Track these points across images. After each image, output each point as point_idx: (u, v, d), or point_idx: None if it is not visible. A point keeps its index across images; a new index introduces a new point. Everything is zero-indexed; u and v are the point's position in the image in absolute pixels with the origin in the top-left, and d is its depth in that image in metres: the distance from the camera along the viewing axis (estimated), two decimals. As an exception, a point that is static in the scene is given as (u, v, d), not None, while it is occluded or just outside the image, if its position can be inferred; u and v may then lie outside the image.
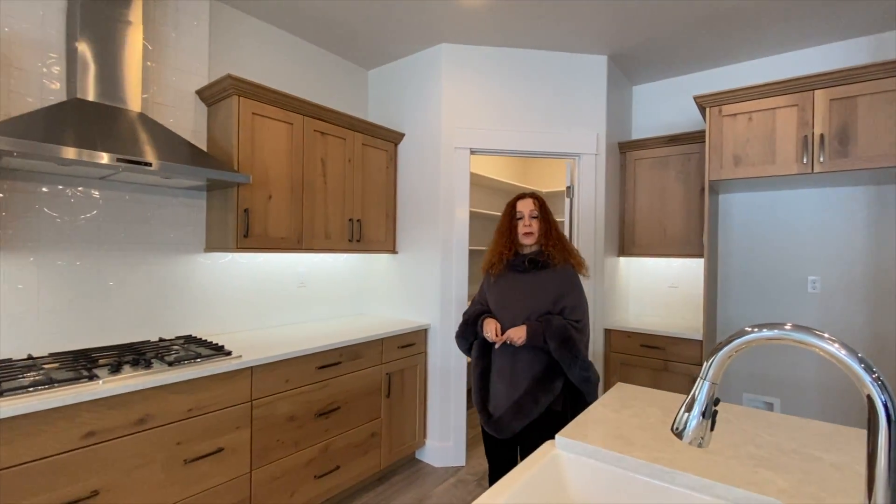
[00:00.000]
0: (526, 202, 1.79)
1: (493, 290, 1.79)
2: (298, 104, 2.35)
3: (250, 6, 2.44)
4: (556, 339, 1.59)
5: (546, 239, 1.74)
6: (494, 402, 1.70)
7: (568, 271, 1.73)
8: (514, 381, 1.65)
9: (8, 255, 1.71)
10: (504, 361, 1.69)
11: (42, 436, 1.34)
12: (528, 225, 1.75)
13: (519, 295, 1.71)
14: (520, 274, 1.75)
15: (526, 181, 4.89)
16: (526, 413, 1.60)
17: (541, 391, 1.61)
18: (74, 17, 1.77)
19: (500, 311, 1.73)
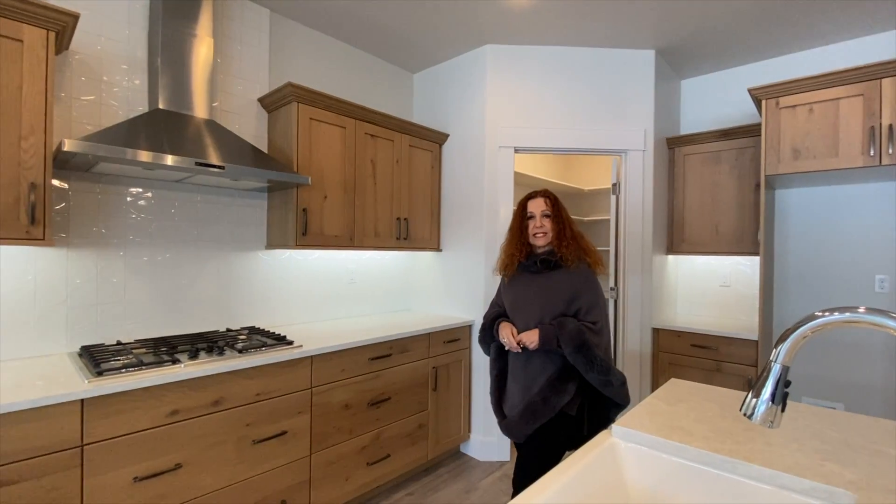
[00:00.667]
0: (537, 202, 1.71)
1: (507, 292, 1.76)
2: (351, 108, 2.46)
3: (305, 17, 2.57)
4: (570, 343, 1.52)
5: (559, 239, 1.67)
6: (509, 403, 1.69)
7: (583, 271, 1.66)
8: (527, 382, 1.62)
9: (102, 251, 1.90)
10: (518, 363, 1.67)
11: (135, 412, 1.49)
12: (541, 225, 1.68)
13: (531, 297, 1.66)
14: (532, 275, 1.69)
15: (568, 179, 4.85)
16: (537, 416, 1.54)
17: (552, 393, 1.55)
18: (156, 36, 1.95)
19: (513, 314, 1.70)
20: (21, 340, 1.71)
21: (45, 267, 1.77)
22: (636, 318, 2.88)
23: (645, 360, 2.89)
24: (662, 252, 3.08)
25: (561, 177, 4.79)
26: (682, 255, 3.26)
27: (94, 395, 1.39)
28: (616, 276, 2.96)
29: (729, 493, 0.94)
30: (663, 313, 3.11)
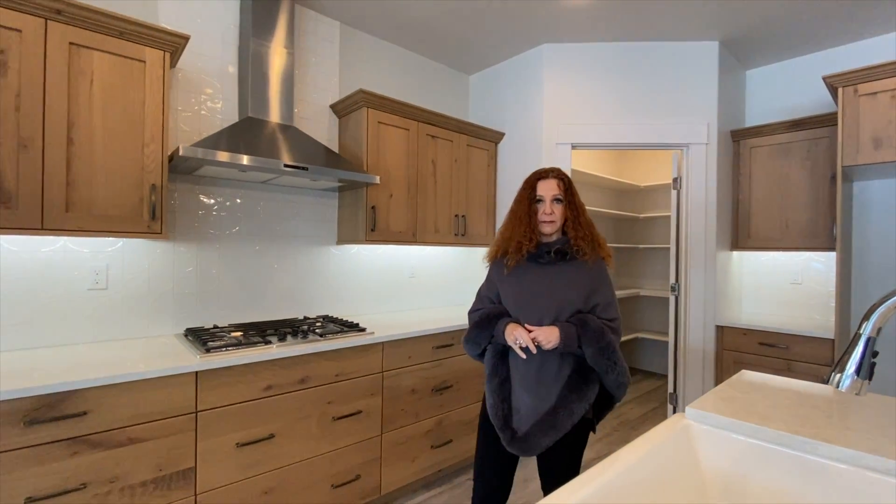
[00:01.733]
0: (548, 183, 1.48)
1: (509, 285, 1.50)
2: (414, 111, 2.60)
3: (370, 26, 2.74)
4: (593, 343, 1.35)
5: (574, 229, 1.46)
6: (518, 415, 1.43)
7: (599, 264, 1.48)
8: (540, 390, 1.41)
9: (201, 245, 2.14)
10: (528, 368, 1.42)
11: (237, 385, 1.68)
12: (550, 212, 1.46)
13: (545, 291, 1.44)
14: (542, 267, 1.47)
15: (622, 175, 4.78)
16: (560, 427, 1.36)
17: (575, 400, 1.38)
18: (245, 52, 2.17)
19: (521, 311, 1.45)
20: (138, 322, 1.97)
21: (156, 259, 2.02)
22: (699, 315, 2.83)
23: (708, 358, 2.83)
24: (726, 248, 2.99)
25: (615, 173, 4.74)
26: (747, 252, 3.16)
27: (205, 368, 1.59)
28: (677, 273, 2.92)
29: (808, 474, 0.97)
30: (728, 311, 3.02)
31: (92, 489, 1.39)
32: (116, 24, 1.63)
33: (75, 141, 1.58)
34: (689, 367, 2.85)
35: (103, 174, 1.63)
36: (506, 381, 1.46)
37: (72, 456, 1.35)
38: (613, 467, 0.90)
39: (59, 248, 1.79)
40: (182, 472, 1.56)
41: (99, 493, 1.40)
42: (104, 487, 1.41)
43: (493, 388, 1.46)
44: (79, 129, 1.59)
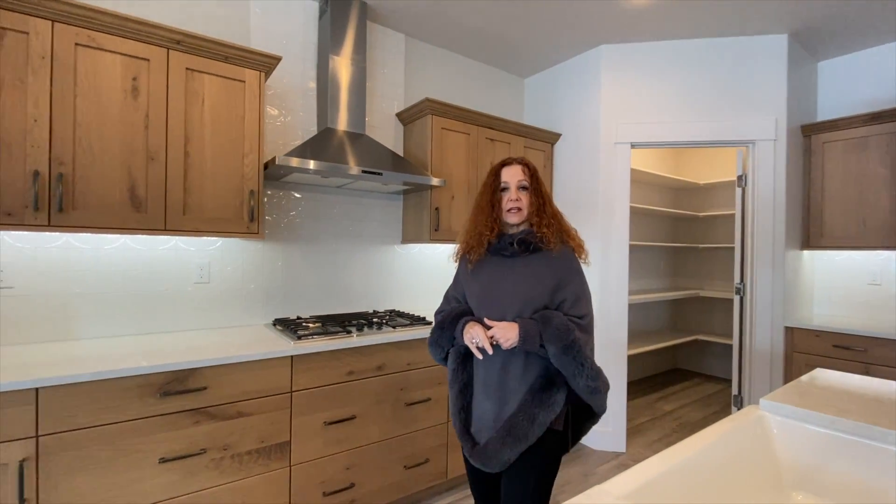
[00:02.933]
0: (513, 169, 1.38)
1: (473, 280, 1.40)
2: (475, 116, 2.72)
3: (431, 36, 2.89)
4: (556, 341, 1.20)
5: (539, 217, 1.34)
6: (479, 424, 1.33)
7: (566, 255, 1.35)
8: (502, 395, 1.28)
9: (286, 244, 2.37)
10: (490, 371, 1.31)
11: (323, 370, 1.87)
12: (516, 199, 1.34)
13: (507, 285, 1.32)
14: (505, 259, 1.36)
15: (680, 173, 4.67)
16: (520, 436, 1.22)
17: (538, 407, 1.23)
18: (324, 68, 2.38)
19: (483, 308, 1.35)
20: (234, 312, 2.21)
21: (248, 256, 2.26)
22: (766, 316, 2.75)
23: (776, 360, 2.75)
24: (796, 247, 2.89)
25: (672, 171, 4.64)
26: (819, 251, 3.03)
27: (298, 353, 1.79)
28: (742, 273, 2.85)
29: (888, 464, 0.99)
30: (798, 312, 2.91)
31: (209, 454, 1.61)
32: (223, 50, 1.86)
33: (190, 154, 1.82)
34: (756, 369, 2.78)
35: (212, 182, 1.87)
36: (467, 387, 1.39)
37: (194, 424, 1.58)
38: (686, 450, 0.97)
39: (171, 247, 2.06)
40: (279, 444, 1.75)
41: (215, 458, 1.62)
42: (219, 454, 1.62)
43: (454, 394, 1.39)
44: (193, 143, 1.83)
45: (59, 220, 1.57)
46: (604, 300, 2.89)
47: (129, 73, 1.70)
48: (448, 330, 1.39)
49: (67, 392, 1.38)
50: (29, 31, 1.53)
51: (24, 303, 1.76)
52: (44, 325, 1.79)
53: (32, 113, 1.54)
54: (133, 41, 1.70)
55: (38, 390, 1.34)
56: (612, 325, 2.87)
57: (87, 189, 1.62)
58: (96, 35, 1.63)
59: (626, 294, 2.86)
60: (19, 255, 1.75)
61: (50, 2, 1.54)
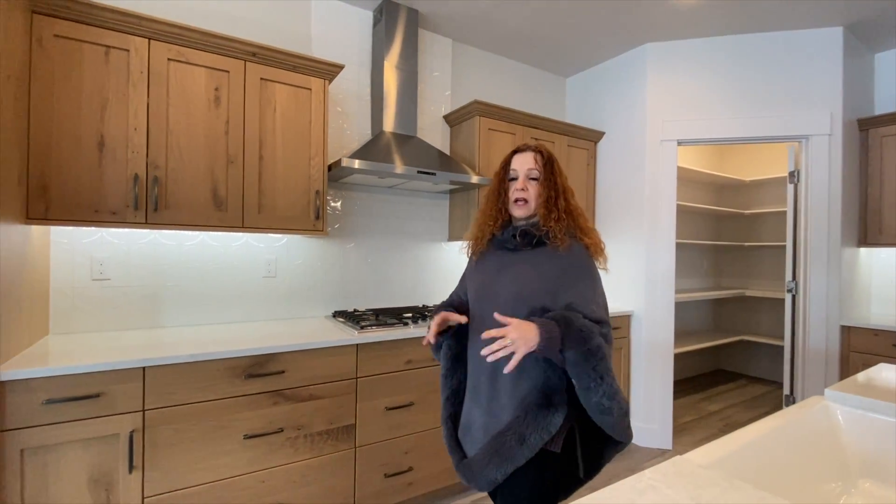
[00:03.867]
0: (524, 157, 1.22)
1: (474, 275, 1.28)
2: (520, 117, 2.79)
3: (477, 40, 2.97)
4: (577, 345, 1.00)
5: (546, 210, 1.18)
6: (467, 435, 1.18)
7: (578, 252, 1.17)
8: (492, 405, 1.13)
9: (344, 241, 2.51)
10: (480, 374, 1.17)
11: (384, 358, 1.98)
12: (522, 189, 1.19)
13: (504, 280, 1.18)
14: (509, 252, 1.22)
15: (725, 170, 4.58)
16: (505, 455, 1.07)
17: (529, 427, 1.06)
18: (378, 74, 2.50)
19: (479, 305, 1.21)
20: (297, 304, 2.37)
21: (310, 253, 2.40)
22: (820, 315, 2.70)
23: (832, 360, 2.69)
24: (852, 244, 2.81)
25: (716, 167, 4.56)
26: (878, 248, 2.93)
27: (361, 342, 1.91)
28: (794, 271, 2.80)
29: (964, 454, 1.00)
30: (854, 310, 2.84)
31: (286, 433, 1.75)
32: (292, 60, 2.01)
33: (264, 157, 1.97)
34: (809, 369, 2.72)
35: (283, 183, 2.01)
36: (456, 393, 1.25)
37: (273, 405, 1.72)
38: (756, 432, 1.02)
39: (242, 244, 2.23)
40: (346, 427, 1.88)
41: (290, 437, 1.76)
42: (294, 433, 1.76)
43: (443, 398, 1.26)
44: (266, 148, 1.98)
45: (155, 219, 1.75)
46: (649, 299, 2.90)
47: (213, 83, 1.86)
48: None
49: (168, 372, 1.54)
50: (129, 49, 1.71)
51: (119, 293, 1.95)
52: (135, 313, 1.99)
53: (132, 122, 1.72)
54: (215, 55, 1.86)
55: (145, 369, 1.51)
56: (657, 325, 2.87)
57: (178, 190, 1.80)
58: (185, 50, 1.80)
59: (673, 293, 2.86)
60: (116, 250, 1.94)
61: (147, 21, 1.71)
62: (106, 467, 1.45)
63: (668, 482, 0.71)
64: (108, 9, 1.64)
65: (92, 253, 1.90)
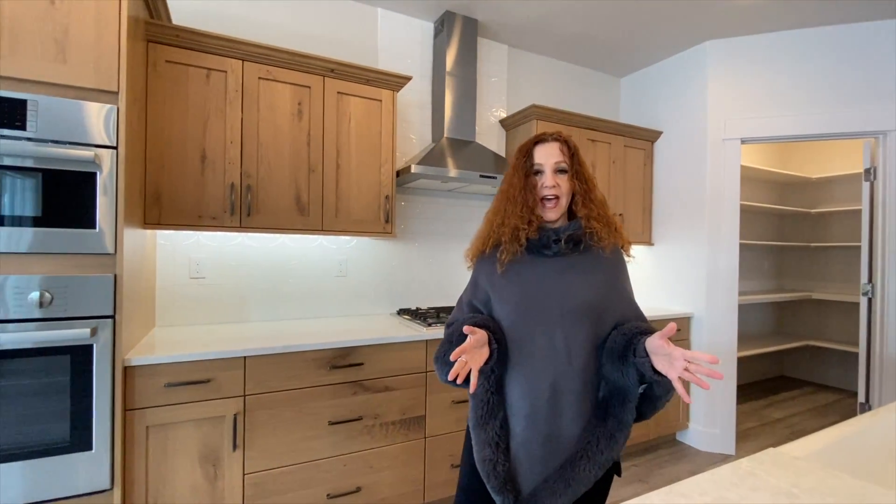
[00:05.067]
0: (549, 148, 1.10)
1: (506, 286, 1.09)
2: (576, 119, 2.82)
3: (532, 46, 3.03)
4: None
5: (586, 207, 1.09)
6: (523, 471, 1.02)
7: (619, 255, 1.14)
8: (554, 432, 1.01)
9: (408, 242, 2.64)
10: (538, 401, 1.02)
11: (451, 355, 2.08)
12: (553, 185, 1.07)
13: (557, 293, 1.05)
14: (548, 259, 1.09)
15: (789, 167, 4.38)
16: (578, 483, 0.99)
17: (603, 445, 1.00)
18: (439, 83, 2.61)
19: (526, 320, 1.05)
20: (365, 303, 2.51)
21: (377, 254, 2.54)
22: None
23: (913, 367, 2.55)
24: (938, 245, 2.65)
25: (779, 165, 4.37)
26: (967, 249, 2.74)
27: (430, 338, 2.02)
28: (871, 273, 2.68)
29: None
30: (939, 316, 2.66)
31: (364, 421, 1.88)
32: (365, 74, 2.15)
33: (341, 165, 2.13)
34: (888, 375, 2.59)
35: (356, 188, 2.16)
36: (505, 424, 1.04)
37: (353, 394, 1.86)
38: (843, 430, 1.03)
39: (317, 245, 2.39)
40: (417, 418, 1.99)
41: (368, 424, 1.89)
42: (371, 421, 1.89)
43: (490, 435, 1.03)
44: (342, 157, 2.13)
45: (247, 223, 1.93)
46: (710, 301, 2.85)
47: (296, 98, 2.03)
48: (457, 344, 1.00)
49: (264, 361, 1.71)
50: (227, 70, 1.90)
51: (212, 290, 2.16)
52: (225, 308, 2.19)
53: (229, 136, 1.90)
54: (299, 72, 2.03)
55: (246, 358, 1.68)
56: (719, 327, 2.82)
57: (267, 197, 1.97)
58: (273, 69, 1.98)
59: (736, 295, 2.80)
60: (210, 251, 2.15)
61: (242, 44, 1.89)
62: (213, 445, 1.63)
63: (767, 470, 0.76)
64: (210, 35, 1.84)
65: (190, 254, 2.11)
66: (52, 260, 1.37)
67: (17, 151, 1.31)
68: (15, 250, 1.32)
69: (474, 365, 0.93)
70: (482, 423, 1.04)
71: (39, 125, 1.35)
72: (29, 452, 1.34)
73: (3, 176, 1.31)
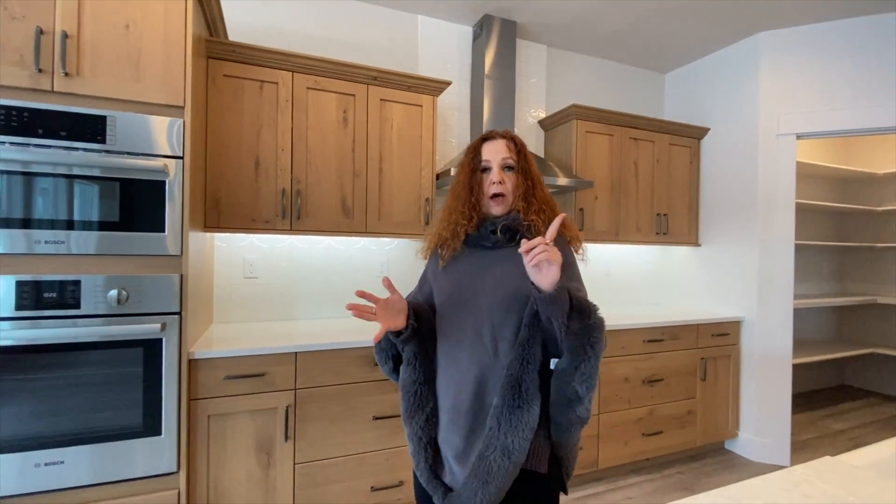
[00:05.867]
0: (496, 145, 1.11)
1: (443, 279, 1.12)
2: (618, 117, 2.77)
3: (571, 45, 3.00)
4: (583, 315, 0.91)
5: (525, 201, 1.08)
6: (447, 463, 1.02)
7: (562, 247, 1.06)
8: (476, 426, 0.98)
9: (446, 243, 2.68)
10: (462, 394, 1.00)
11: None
12: (499, 181, 1.07)
13: (487, 282, 1.04)
14: (487, 251, 1.09)
15: (849, 162, 4.10)
16: (496, 475, 0.92)
17: (508, 433, 0.93)
18: (479, 85, 2.64)
19: (453, 310, 1.06)
20: (406, 303, 2.57)
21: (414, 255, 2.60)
22: None
23: None
24: None
25: (839, 160, 4.10)
26: None
27: (471, 339, 2.05)
28: (945, 274, 2.47)
29: None
30: None
31: (406, 418, 1.94)
32: (406, 81, 2.21)
33: (384, 170, 2.20)
34: (967, 387, 2.39)
35: (398, 192, 2.22)
36: (432, 418, 1.04)
37: (395, 391, 1.92)
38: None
39: (361, 247, 2.48)
40: (457, 416, 2.03)
41: (410, 421, 1.94)
42: (413, 418, 1.95)
43: (414, 429, 1.04)
44: (385, 161, 2.20)
45: (297, 226, 2.04)
46: (762, 305, 2.72)
47: (341, 107, 2.12)
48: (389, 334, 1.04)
49: (313, 357, 1.80)
50: (278, 82, 2.01)
51: (263, 289, 2.29)
52: (276, 306, 2.31)
53: (280, 144, 2.01)
54: (344, 81, 2.11)
55: (297, 354, 1.77)
56: (772, 332, 2.69)
57: (314, 201, 2.07)
58: (320, 79, 2.07)
59: (791, 298, 2.66)
60: (262, 253, 2.28)
61: (292, 57, 2.00)
62: (267, 435, 1.73)
63: (822, 478, 0.74)
64: (264, 49, 1.95)
65: (244, 255, 2.25)
66: (127, 261, 1.51)
67: (98, 163, 1.45)
68: (97, 252, 1.47)
69: (384, 322, 0.97)
70: (409, 415, 1.05)
71: (117, 138, 1.48)
72: (107, 435, 1.48)
73: (87, 185, 1.45)
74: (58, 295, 1.43)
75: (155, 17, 1.52)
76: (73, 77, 1.43)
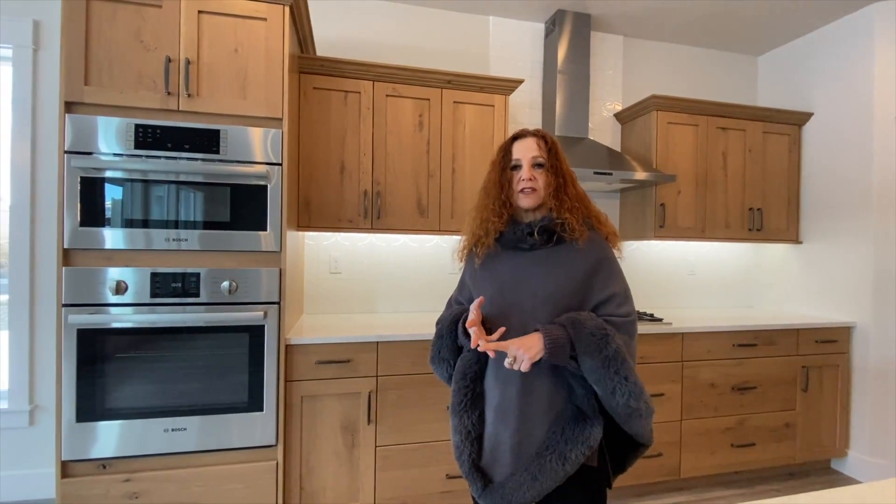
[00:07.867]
0: (526, 143, 1.11)
1: (484, 280, 1.13)
2: (703, 106, 2.60)
3: (650, 33, 2.86)
4: (594, 353, 0.96)
5: (558, 199, 1.08)
6: (493, 458, 1.06)
7: (599, 244, 1.09)
8: (523, 425, 1.03)
9: (517, 241, 2.70)
10: (508, 393, 1.05)
11: (564, 353, 2.09)
12: (530, 178, 1.08)
13: (530, 286, 1.06)
14: (525, 253, 1.10)
15: None
16: (545, 477, 0.99)
17: (569, 442, 0.99)
18: (551, 81, 2.62)
19: (501, 314, 1.08)
20: (478, 299, 2.63)
21: (488, 252, 2.64)
22: None
23: None
24: None
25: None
26: None
27: (543, 336, 2.05)
28: None
29: None
30: None
31: (479, 410, 1.99)
32: (479, 82, 2.26)
33: (456, 170, 2.27)
34: None
35: (470, 191, 2.28)
36: (482, 414, 1.09)
37: (469, 384, 1.98)
38: None
39: (434, 245, 2.58)
40: (530, 412, 2.04)
41: (483, 414, 1.99)
42: (486, 411, 1.99)
43: (464, 423, 1.09)
44: (457, 161, 2.27)
45: (378, 225, 2.17)
46: (879, 309, 2.41)
47: (417, 111, 2.22)
48: (448, 337, 1.15)
49: (392, 347, 1.92)
50: (360, 91, 2.16)
51: (347, 284, 2.46)
52: (357, 300, 2.48)
53: (362, 149, 2.16)
54: (419, 86, 2.21)
55: (378, 343, 1.90)
56: (889, 340, 2.37)
57: (393, 201, 2.19)
58: (398, 86, 2.19)
59: (916, 300, 2.33)
60: (345, 250, 2.46)
61: (372, 67, 2.14)
62: (352, 417, 1.88)
63: (944, 491, 0.67)
64: (348, 62, 2.11)
65: (330, 252, 2.44)
66: (236, 256, 1.72)
67: (215, 171, 1.67)
68: (212, 248, 1.69)
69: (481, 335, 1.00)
70: (459, 410, 1.10)
71: (228, 149, 1.70)
72: (219, 408, 1.70)
73: (205, 191, 1.68)
74: (182, 285, 1.67)
75: (258, 39, 1.72)
76: (194, 97, 1.66)
